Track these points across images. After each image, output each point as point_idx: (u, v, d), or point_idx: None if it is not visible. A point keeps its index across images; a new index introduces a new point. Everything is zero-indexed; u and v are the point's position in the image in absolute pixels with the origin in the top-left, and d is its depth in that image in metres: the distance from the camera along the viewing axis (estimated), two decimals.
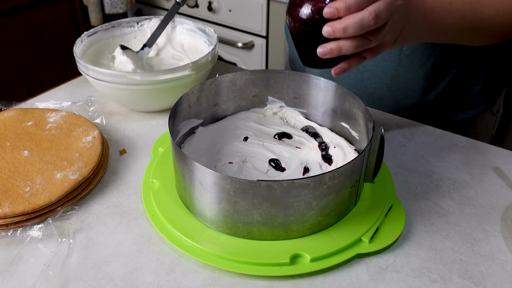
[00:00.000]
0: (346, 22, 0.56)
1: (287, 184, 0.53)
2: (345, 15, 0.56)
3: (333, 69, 0.62)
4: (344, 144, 0.71)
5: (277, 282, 0.56)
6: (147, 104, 0.84)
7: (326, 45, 0.58)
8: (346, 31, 0.56)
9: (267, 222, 0.57)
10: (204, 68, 0.82)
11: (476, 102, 0.90)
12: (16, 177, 0.65)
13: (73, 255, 0.58)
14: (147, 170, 0.70)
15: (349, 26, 0.55)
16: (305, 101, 0.76)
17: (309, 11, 0.58)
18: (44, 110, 0.80)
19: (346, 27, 0.56)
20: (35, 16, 1.91)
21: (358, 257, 0.59)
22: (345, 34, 0.56)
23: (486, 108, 0.91)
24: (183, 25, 0.96)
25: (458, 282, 0.56)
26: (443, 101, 0.89)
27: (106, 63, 0.90)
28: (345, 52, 0.58)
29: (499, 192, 0.69)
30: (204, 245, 0.58)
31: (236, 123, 0.76)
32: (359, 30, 0.56)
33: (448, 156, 0.76)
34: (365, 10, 0.56)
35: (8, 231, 0.61)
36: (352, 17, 0.55)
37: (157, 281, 0.56)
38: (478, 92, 0.89)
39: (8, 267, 0.57)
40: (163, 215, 0.61)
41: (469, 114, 0.91)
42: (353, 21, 0.55)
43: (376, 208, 0.63)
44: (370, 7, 0.56)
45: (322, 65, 0.63)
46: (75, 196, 0.65)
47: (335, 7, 0.56)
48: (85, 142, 0.72)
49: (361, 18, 0.55)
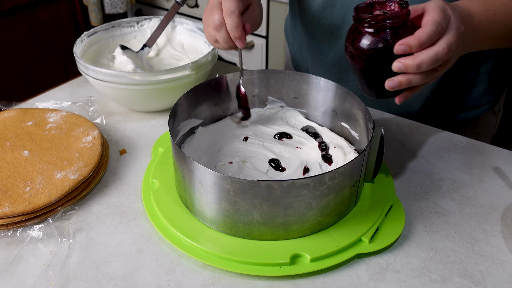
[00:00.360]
0: (420, 59, 0.54)
1: (287, 184, 0.53)
2: (417, 52, 0.54)
3: (398, 98, 0.60)
4: (344, 144, 0.71)
5: (277, 282, 0.56)
6: (147, 104, 0.84)
7: (394, 79, 0.56)
8: (420, 68, 0.54)
9: (267, 222, 0.57)
10: (204, 68, 0.82)
11: (479, 101, 0.90)
12: (16, 177, 0.65)
13: (73, 255, 0.58)
14: (147, 170, 0.70)
15: (423, 63, 0.54)
16: (305, 101, 0.76)
17: (375, 43, 0.56)
18: (44, 110, 0.80)
19: (420, 64, 0.54)
20: (35, 16, 1.91)
21: (358, 257, 0.59)
22: (418, 71, 0.55)
23: (489, 107, 0.91)
24: (183, 25, 0.96)
25: (458, 282, 0.56)
26: (447, 101, 0.89)
27: (106, 63, 0.90)
28: (415, 84, 0.56)
29: (499, 192, 0.69)
30: (204, 245, 0.58)
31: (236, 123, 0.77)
32: (432, 65, 0.55)
33: (448, 156, 0.76)
34: (438, 44, 0.54)
35: (8, 231, 0.61)
36: (426, 54, 0.54)
37: (157, 281, 0.56)
38: (482, 92, 0.89)
39: (8, 267, 0.57)
40: (163, 215, 0.61)
41: (472, 113, 0.91)
42: (427, 58, 0.54)
43: (376, 208, 0.63)
44: (442, 41, 0.54)
45: (384, 95, 0.60)
46: (75, 196, 0.65)
47: (407, 45, 0.54)
48: (85, 142, 0.72)
49: (435, 54, 0.54)
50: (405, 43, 0.54)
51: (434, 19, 0.54)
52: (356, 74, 0.61)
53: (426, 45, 0.54)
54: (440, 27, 0.54)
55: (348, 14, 0.81)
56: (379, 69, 0.57)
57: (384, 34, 0.56)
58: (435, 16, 0.55)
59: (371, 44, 0.56)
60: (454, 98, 0.89)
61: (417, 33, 0.54)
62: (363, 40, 0.57)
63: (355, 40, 0.57)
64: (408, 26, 0.56)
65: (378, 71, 0.58)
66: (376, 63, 0.57)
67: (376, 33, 0.56)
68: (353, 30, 0.58)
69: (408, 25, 0.56)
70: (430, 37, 0.54)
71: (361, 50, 0.57)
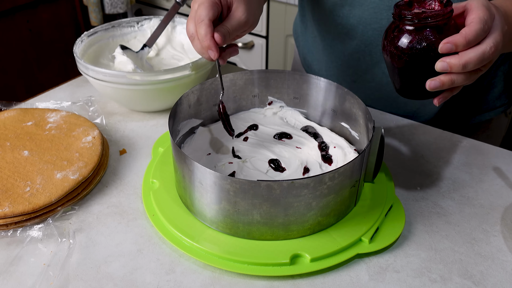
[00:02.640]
0: (466, 59, 0.52)
1: (287, 184, 0.53)
2: (463, 50, 0.53)
3: (437, 99, 0.59)
4: (344, 144, 0.71)
5: (277, 282, 0.56)
6: (147, 104, 0.84)
7: (436, 79, 0.54)
8: (466, 67, 0.53)
9: (267, 222, 0.57)
10: (204, 68, 0.82)
11: (494, 104, 0.89)
12: (16, 177, 0.65)
13: (73, 255, 0.58)
14: (147, 170, 0.70)
15: (469, 62, 0.52)
16: (305, 101, 0.76)
17: (418, 42, 0.54)
18: (44, 110, 0.80)
19: (466, 64, 0.52)
20: (35, 16, 1.91)
21: (358, 257, 0.59)
22: (463, 70, 0.53)
23: (503, 110, 0.90)
24: (183, 25, 0.96)
25: (458, 282, 0.56)
26: (465, 104, 0.88)
27: (106, 63, 0.90)
28: (457, 85, 0.55)
29: (499, 192, 0.69)
30: (204, 245, 0.58)
31: (236, 123, 0.76)
32: (478, 65, 0.53)
33: (448, 156, 0.76)
34: (485, 43, 0.53)
35: (8, 231, 0.61)
36: (473, 52, 0.52)
37: (157, 281, 0.56)
38: (498, 94, 0.88)
39: (8, 267, 0.57)
40: (163, 215, 0.61)
41: (487, 116, 0.90)
42: (474, 57, 0.52)
43: (376, 208, 0.63)
44: (489, 40, 0.53)
45: (422, 95, 0.59)
46: (75, 196, 0.65)
47: (454, 43, 0.52)
48: (85, 142, 0.72)
49: (482, 53, 0.52)
50: (451, 41, 0.52)
51: (480, 17, 0.53)
52: (395, 74, 0.59)
53: (472, 43, 0.53)
54: (486, 25, 0.53)
55: (366, 14, 0.79)
56: (420, 68, 0.56)
57: (427, 32, 0.54)
58: (481, 14, 0.53)
59: (413, 42, 0.54)
60: (472, 100, 0.88)
61: (463, 31, 0.53)
62: (404, 39, 0.55)
63: (395, 38, 0.56)
64: (451, 24, 0.55)
65: (419, 71, 0.56)
66: (418, 63, 0.55)
67: (418, 31, 0.54)
68: (393, 28, 0.56)
69: (451, 24, 0.55)
70: (478, 36, 0.52)
71: (402, 49, 0.55)
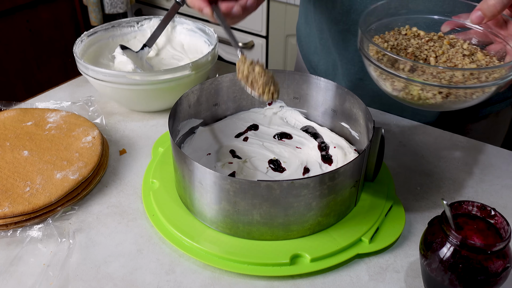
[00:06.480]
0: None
1: (287, 184, 0.53)
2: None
3: None
4: (344, 144, 0.71)
5: (277, 282, 0.56)
6: (147, 104, 0.84)
7: None
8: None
9: (267, 222, 0.57)
10: (204, 68, 0.82)
11: (504, 94, 0.89)
12: (16, 177, 0.65)
13: (73, 255, 0.58)
14: (147, 170, 0.70)
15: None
16: (305, 101, 0.76)
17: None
18: (44, 110, 0.80)
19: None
20: (35, 16, 1.91)
21: (358, 257, 0.59)
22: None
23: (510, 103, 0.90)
24: (183, 25, 0.96)
25: None
26: (463, 111, 0.87)
27: (106, 63, 0.90)
28: None
29: (499, 192, 0.69)
30: (204, 245, 0.58)
31: (236, 123, 0.76)
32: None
33: (448, 156, 0.76)
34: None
35: (8, 231, 0.61)
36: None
37: (157, 281, 0.56)
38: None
39: (8, 267, 0.57)
40: (163, 215, 0.61)
41: (497, 107, 0.89)
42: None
43: (376, 208, 0.63)
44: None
45: None
46: (75, 196, 0.65)
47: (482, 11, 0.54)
48: (85, 142, 0.72)
49: None
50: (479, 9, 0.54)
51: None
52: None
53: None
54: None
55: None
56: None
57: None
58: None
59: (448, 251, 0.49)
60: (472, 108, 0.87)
61: None
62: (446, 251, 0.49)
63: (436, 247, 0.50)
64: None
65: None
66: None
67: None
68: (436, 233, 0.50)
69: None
70: None
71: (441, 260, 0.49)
